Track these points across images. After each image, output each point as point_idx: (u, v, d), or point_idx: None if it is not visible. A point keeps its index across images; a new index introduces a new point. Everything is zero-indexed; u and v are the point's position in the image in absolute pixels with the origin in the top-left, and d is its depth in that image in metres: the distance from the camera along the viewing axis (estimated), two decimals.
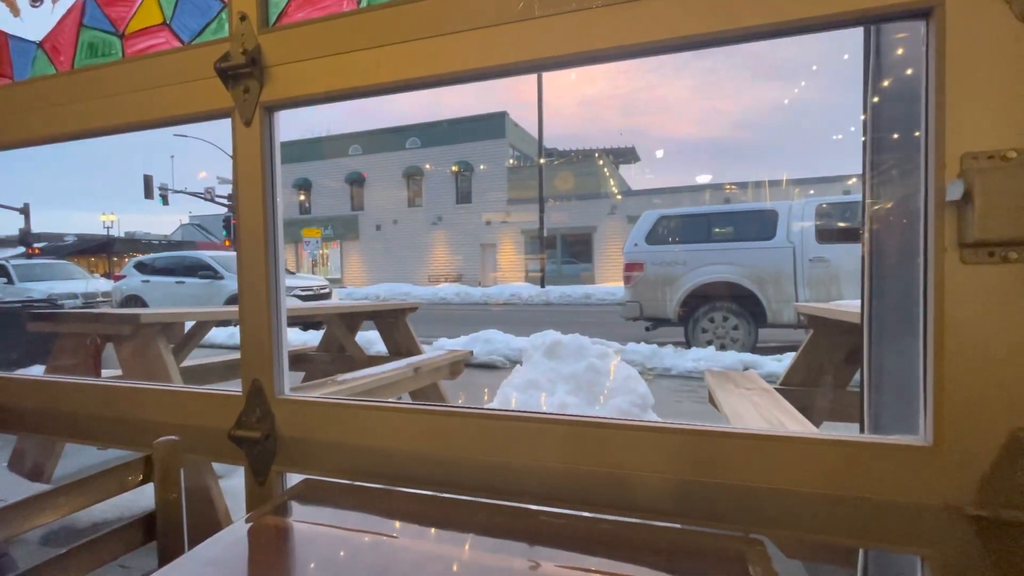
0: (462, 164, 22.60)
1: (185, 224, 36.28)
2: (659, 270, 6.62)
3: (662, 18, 0.71)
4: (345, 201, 25.18)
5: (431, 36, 0.83)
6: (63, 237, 31.18)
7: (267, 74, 0.93)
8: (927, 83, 0.65)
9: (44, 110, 1.14)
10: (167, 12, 1.03)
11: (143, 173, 21.18)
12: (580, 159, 22.60)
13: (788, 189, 18.12)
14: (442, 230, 23.19)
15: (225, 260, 10.39)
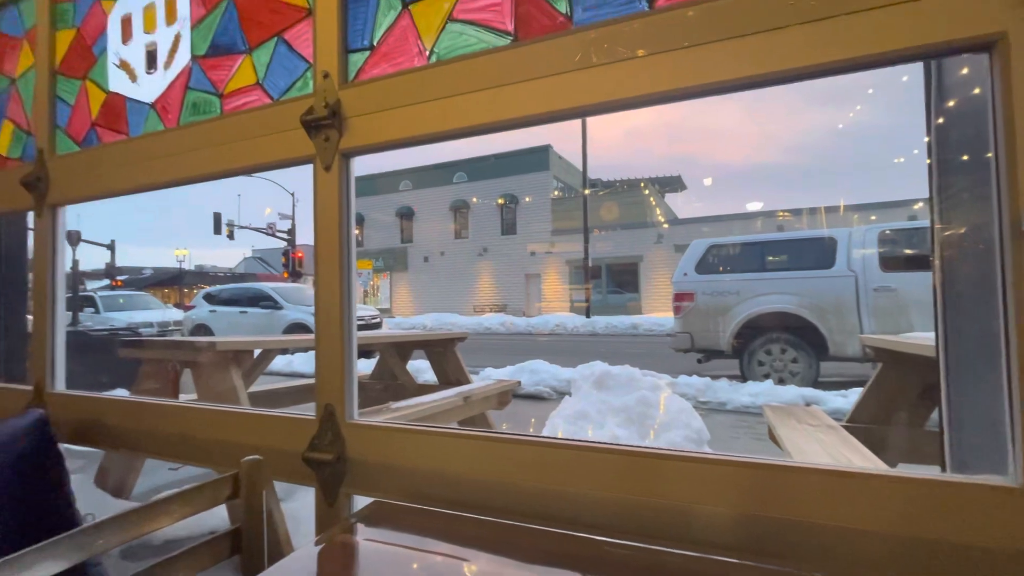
0: (507, 197, 23.08)
1: (248, 257, 38.71)
2: (710, 300, 6.44)
3: (716, 62, 0.75)
4: (395, 234, 26.17)
5: (494, 87, 0.90)
6: (142, 270, 33.98)
7: (346, 124, 1.03)
8: (994, 114, 0.64)
9: (153, 161, 1.30)
10: (260, 74, 1.17)
11: (213, 211, 22.87)
12: (625, 189, 22.58)
13: (846, 215, 17.30)
14: (487, 261, 23.58)
15: (284, 291, 10.99)
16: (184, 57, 1.29)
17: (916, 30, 0.66)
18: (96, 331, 6.58)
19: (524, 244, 22.54)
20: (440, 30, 0.96)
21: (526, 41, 0.89)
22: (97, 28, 1.46)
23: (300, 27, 1.12)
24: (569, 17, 0.86)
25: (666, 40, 0.78)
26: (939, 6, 0.65)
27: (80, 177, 1.44)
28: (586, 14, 0.85)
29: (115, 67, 1.42)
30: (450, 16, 0.96)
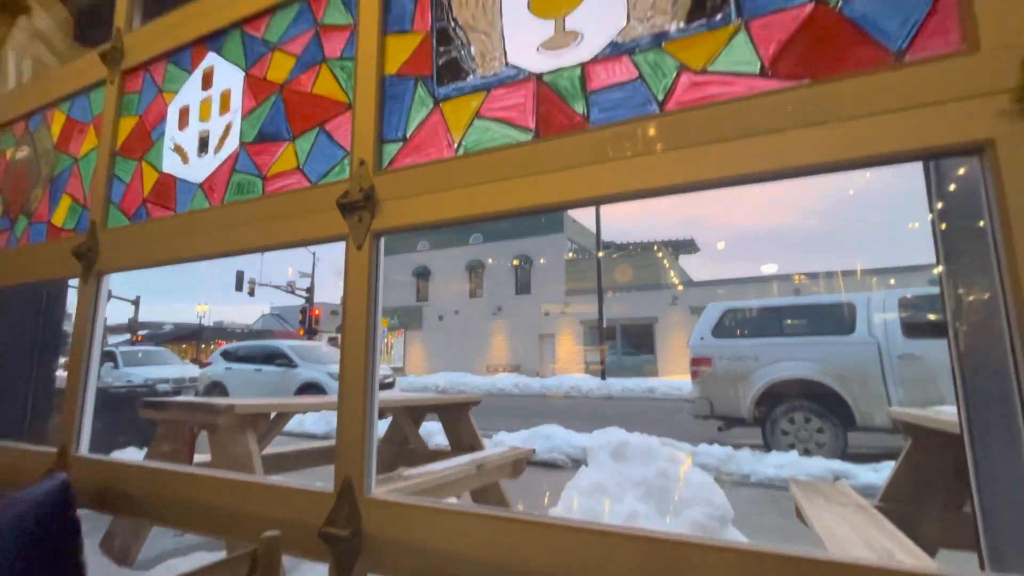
0: (522, 258, 23.49)
1: (266, 314, 39.36)
2: (729, 365, 6.32)
3: (720, 160, 0.81)
4: (411, 293, 26.55)
5: (516, 177, 0.97)
6: (162, 325, 34.67)
7: (378, 207, 1.12)
8: (989, 211, 0.68)
9: (196, 236, 1.39)
10: (301, 159, 1.28)
11: (237, 269, 23.61)
12: (639, 251, 22.85)
13: (864, 279, 17.16)
14: (501, 320, 23.62)
15: (299, 349, 11.07)
16: (233, 143, 1.42)
17: (911, 135, 0.72)
18: (115, 388, 6.65)
19: (538, 304, 22.63)
20: (468, 125, 1.06)
21: (546, 137, 0.97)
22: (157, 116, 1.62)
23: (340, 119, 1.23)
24: (586, 117, 0.95)
25: (675, 140, 0.85)
26: (932, 114, 0.71)
27: (127, 248, 1.54)
28: (601, 115, 0.93)
29: (170, 150, 1.56)
30: (478, 113, 1.06)
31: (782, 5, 0.83)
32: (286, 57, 1.36)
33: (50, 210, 1.84)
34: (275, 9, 1.41)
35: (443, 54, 1.12)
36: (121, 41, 1.72)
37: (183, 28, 1.58)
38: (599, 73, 0.95)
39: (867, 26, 0.77)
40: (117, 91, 1.71)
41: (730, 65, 0.85)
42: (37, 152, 1.97)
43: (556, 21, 1.00)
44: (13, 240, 1.94)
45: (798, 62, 0.80)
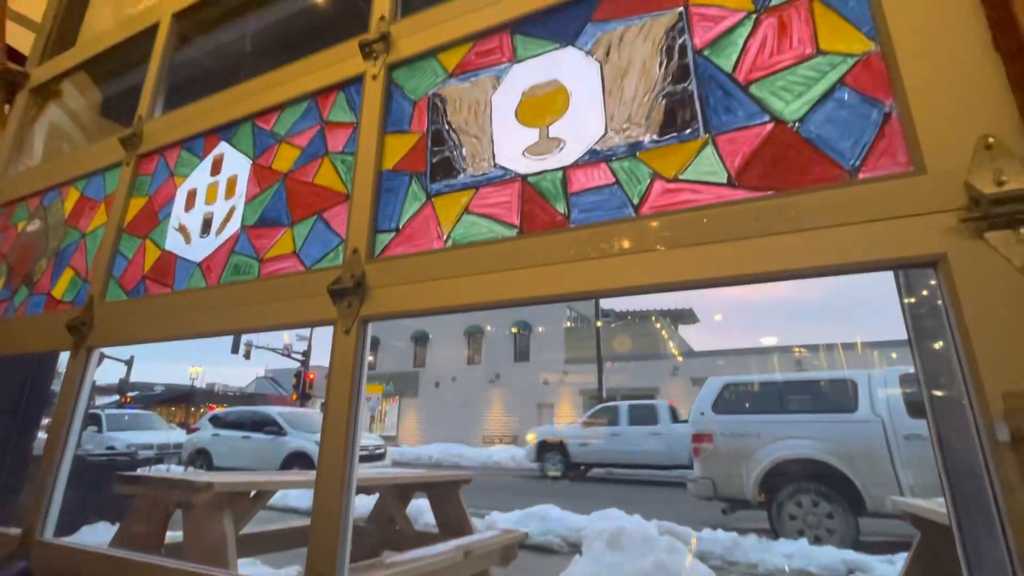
0: (521, 324, 23.48)
1: (260, 377, 38.70)
2: (731, 442, 6.13)
3: (690, 263, 0.85)
4: (408, 358, 26.25)
5: (502, 270, 1.01)
6: (153, 387, 33.97)
7: (368, 294, 1.15)
8: (949, 323, 0.71)
9: (191, 314, 1.42)
10: (298, 244, 1.33)
11: None
12: (637, 321, 22.89)
13: (865, 353, 17.05)
14: (499, 388, 23.17)
15: (290, 416, 10.79)
16: (235, 226, 1.48)
17: (869, 247, 0.76)
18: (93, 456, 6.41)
19: (537, 372, 22.31)
20: (457, 220, 1.12)
21: (530, 234, 1.02)
22: (166, 197, 1.70)
23: (338, 208, 1.30)
24: (567, 217, 1.00)
25: (649, 242, 0.89)
26: (888, 228, 0.75)
27: (122, 323, 1.56)
28: (581, 215, 0.99)
29: (174, 230, 1.62)
30: (466, 209, 1.11)
31: (745, 123, 0.91)
32: (292, 149, 1.45)
33: (52, 282, 1.88)
34: (285, 105, 1.52)
35: (437, 153, 1.20)
36: (141, 128, 1.85)
37: (199, 119, 1.70)
38: (579, 177, 1.01)
39: (822, 145, 0.84)
40: (131, 172, 1.81)
41: (699, 175, 0.91)
42: (48, 226, 2.05)
43: (541, 129, 1.08)
44: (11, 310, 1.97)
45: (762, 175, 0.86)
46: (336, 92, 1.42)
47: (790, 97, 0.88)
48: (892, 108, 0.81)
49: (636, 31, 1.06)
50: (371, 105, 1.31)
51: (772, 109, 0.89)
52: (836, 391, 6.10)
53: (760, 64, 0.92)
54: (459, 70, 1.26)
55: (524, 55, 1.18)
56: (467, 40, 1.26)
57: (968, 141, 0.73)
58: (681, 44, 1.00)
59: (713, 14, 0.99)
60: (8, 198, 2.26)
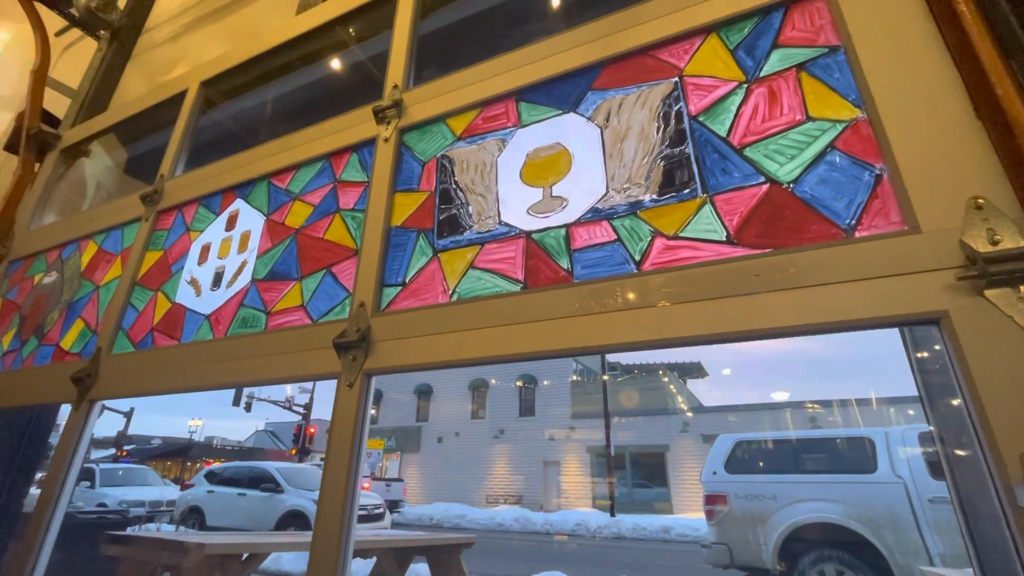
0: (526, 378, 23.12)
1: (259, 431, 37.90)
2: (746, 504, 5.85)
3: (693, 319, 0.86)
4: (411, 412, 25.72)
5: (506, 324, 1.02)
6: (150, 440, 33.28)
7: (373, 347, 1.15)
8: (959, 382, 0.70)
9: (197, 366, 1.42)
10: (306, 298, 1.35)
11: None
12: (644, 374, 22.51)
13: (880, 409, 16.55)
14: (504, 444, 22.49)
15: (288, 472, 10.46)
16: (245, 279, 1.51)
17: (869, 305, 0.76)
18: (83, 513, 6.19)
19: (542, 428, 21.72)
20: (463, 275, 1.14)
21: (534, 289, 1.04)
22: (180, 251, 1.75)
23: (346, 263, 1.33)
24: (570, 272, 1.02)
25: (649, 298, 0.90)
26: (887, 286, 0.76)
27: (127, 376, 1.57)
28: (584, 271, 1.00)
29: (186, 283, 1.65)
30: (472, 264, 1.14)
31: (741, 183, 0.94)
32: (305, 206, 1.51)
33: (61, 333, 1.91)
34: (300, 165, 1.60)
35: (444, 211, 1.25)
36: (163, 185, 1.93)
37: (218, 177, 1.78)
38: (582, 234, 1.04)
39: (817, 205, 0.86)
40: (149, 227, 1.87)
41: (699, 232, 0.93)
42: (64, 278, 2.10)
43: (544, 189, 1.12)
44: (18, 361, 1.98)
45: (760, 233, 0.89)
46: (350, 153, 1.49)
47: (783, 159, 0.92)
48: (883, 170, 0.84)
49: (634, 99, 1.12)
50: (382, 165, 1.38)
51: (767, 171, 0.93)
52: (853, 450, 5.88)
53: (753, 129, 0.97)
54: (467, 133, 1.33)
55: (529, 120, 1.25)
56: (475, 106, 1.34)
57: (958, 202, 0.75)
58: (677, 110, 1.06)
59: (706, 84, 1.05)
60: (28, 251, 2.33)
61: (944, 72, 0.85)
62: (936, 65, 0.85)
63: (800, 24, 1.02)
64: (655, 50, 1.15)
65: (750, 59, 1.04)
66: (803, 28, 1.01)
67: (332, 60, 2.18)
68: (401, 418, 25.77)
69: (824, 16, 1.00)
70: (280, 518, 9.38)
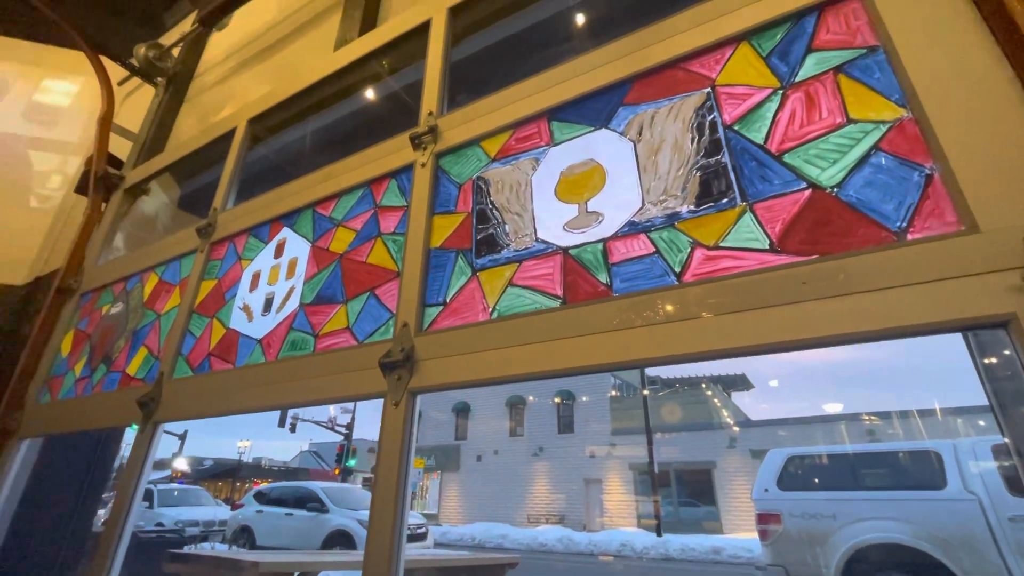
0: (564, 394, 22.86)
1: (304, 451, 38.82)
2: (802, 524, 5.55)
3: (738, 329, 0.84)
4: (450, 431, 25.80)
5: (546, 341, 1.03)
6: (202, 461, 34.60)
7: (417, 366, 1.18)
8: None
9: (251, 389, 1.49)
10: (351, 320, 1.40)
11: None
12: (686, 388, 21.88)
13: (947, 420, 15.47)
14: (543, 462, 22.20)
15: (332, 492, 10.65)
16: (294, 304, 1.58)
17: (928, 309, 0.73)
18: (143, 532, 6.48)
19: (582, 445, 21.34)
20: (502, 292, 1.16)
21: (573, 304, 1.04)
22: (233, 280, 1.84)
23: (389, 285, 1.37)
24: (609, 286, 1.02)
25: (693, 309, 0.89)
26: (947, 288, 0.73)
27: (187, 399, 1.65)
28: (623, 284, 1.00)
29: (238, 309, 1.74)
30: (511, 282, 1.16)
31: (782, 190, 0.92)
32: (347, 232, 1.57)
33: (127, 360, 2.03)
34: (342, 193, 1.67)
35: (481, 231, 1.27)
36: (216, 219, 2.05)
37: (266, 208, 1.88)
38: (619, 248, 1.04)
39: (864, 208, 0.84)
40: (204, 258, 1.99)
41: (740, 242, 0.92)
42: (128, 308, 2.24)
43: (579, 205, 1.13)
44: (89, 387, 2.12)
45: (804, 239, 0.87)
46: (389, 179, 1.55)
47: (825, 164, 0.90)
48: (934, 169, 0.81)
49: (666, 111, 1.13)
50: (420, 190, 1.42)
51: (808, 176, 0.91)
52: (919, 465, 5.51)
53: (791, 135, 0.95)
54: (500, 154, 1.36)
55: (561, 138, 1.27)
56: (507, 128, 1.37)
57: (1019, 198, 0.72)
58: (711, 121, 1.06)
59: (740, 92, 1.05)
60: (97, 284, 2.51)
61: (992, 63, 0.82)
62: (983, 56, 0.83)
63: (835, 27, 1.00)
64: (685, 62, 1.16)
65: (784, 65, 1.03)
66: (838, 31, 1.00)
67: (368, 91, 2.28)
68: (440, 437, 25.88)
69: (860, 17, 0.98)
70: (326, 537, 9.54)
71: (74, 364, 2.30)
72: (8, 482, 2.19)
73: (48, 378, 2.37)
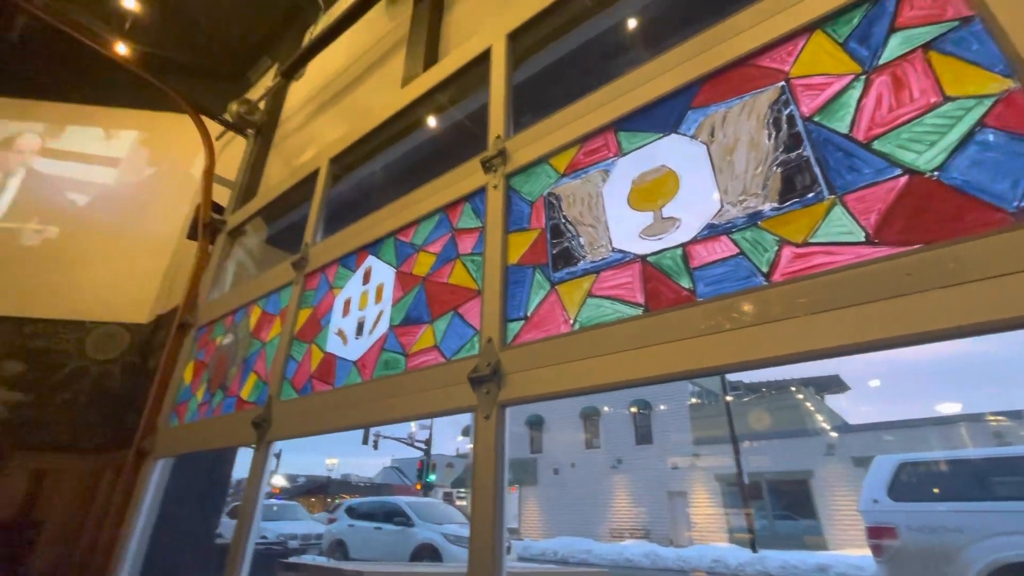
0: (640, 403, 22.18)
1: (387, 467, 40.38)
2: (922, 539, 4.99)
3: (836, 328, 0.81)
4: (525, 444, 25.80)
5: (629, 350, 1.04)
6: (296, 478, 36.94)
7: (504, 380, 1.23)
8: None
9: (350, 408, 1.61)
10: (438, 338, 1.48)
11: None
12: (773, 393, 20.48)
13: None
14: (622, 474, 21.57)
15: (417, 507, 10.98)
16: (384, 326, 1.69)
17: None
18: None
19: (663, 456, 20.52)
20: (582, 304, 1.18)
21: (655, 312, 1.04)
22: (326, 307, 2.00)
23: (471, 304, 1.44)
24: (693, 291, 1.02)
25: (785, 310, 0.87)
26: None
27: (294, 418, 1.81)
28: (708, 288, 1.00)
29: (334, 334, 1.89)
30: (590, 293, 1.18)
31: (874, 179, 0.88)
32: (428, 255, 1.67)
33: (240, 385, 2.26)
34: (421, 220, 1.77)
35: (556, 245, 1.31)
36: (308, 252, 2.24)
37: (352, 239, 2.03)
38: (700, 252, 1.04)
39: (973, 191, 0.79)
40: (300, 289, 2.18)
41: (832, 236, 0.89)
42: (237, 338, 2.50)
43: (654, 212, 1.14)
44: (210, 411, 2.37)
45: (905, 229, 0.82)
46: (463, 203, 1.63)
47: (922, 147, 0.85)
48: None
49: (739, 110, 1.11)
50: (494, 210, 1.49)
51: (903, 162, 0.86)
52: None
53: (879, 121, 0.91)
54: (569, 170, 1.39)
55: (629, 148, 1.28)
56: (574, 143, 1.41)
57: None
58: (788, 115, 1.03)
59: (817, 83, 1.02)
60: (209, 319, 2.81)
61: None
62: None
63: (920, 2, 0.95)
64: (755, 58, 1.14)
65: (864, 49, 0.98)
66: (923, 6, 0.94)
67: (436, 121, 2.41)
68: (515, 450, 25.92)
69: None
70: (413, 551, 9.83)
71: (196, 390, 2.58)
72: (148, 498, 2.48)
73: (175, 404, 2.68)
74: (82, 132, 4.64)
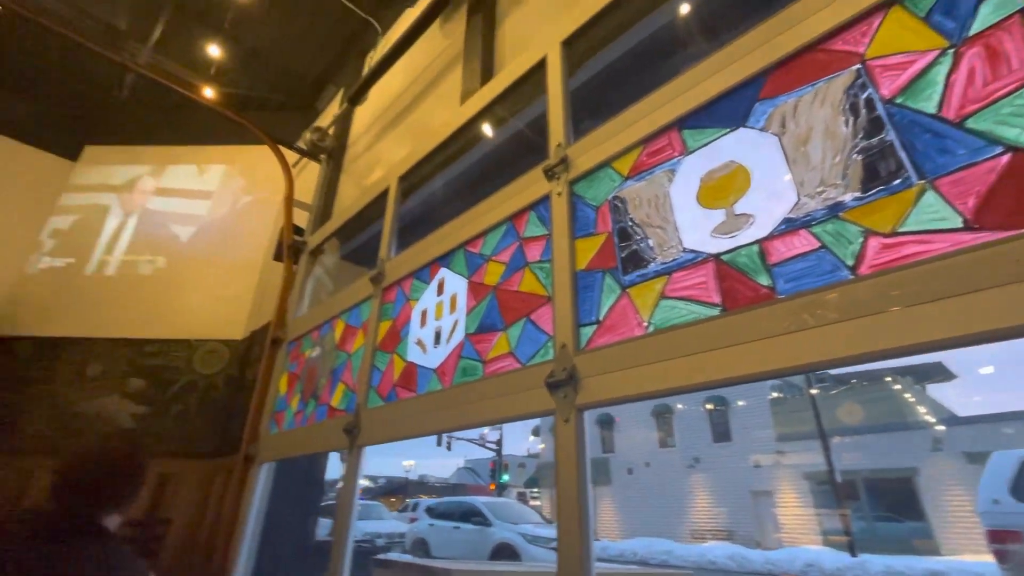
0: (715, 400, 21.24)
1: (461, 468, 41.39)
2: None
3: (931, 322, 0.77)
4: (596, 444, 25.48)
5: (706, 351, 1.03)
6: (377, 479, 38.72)
7: (580, 384, 1.26)
8: None
9: (432, 413, 1.70)
10: (513, 345, 1.53)
11: None
12: (865, 383, 18.89)
13: None
14: (700, 473, 20.75)
15: (494, 506, 11.18)
16: (459, 335, 1.77)
17: None
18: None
19: (744, 454, 19.52)
20: (655, 306, 1.19)
21: (733, 311, 1.03)
22: (405, 319, 2.12)
23: (543, 310, 1.48)
24: (772, 288, 1.00)
25: (876, 304, 0.83)
26: None
27: (382, 425, 1.94)
28: (788, 285, 0.97)
29: (413, 344, 2.00)
30: (662, 295, 1.18)
31: (970, 160, 0.83)
32: (498, 265, 1.73)
33: (330, 395, 2.44)
34: (488, 231, 1.84)
35: (624, 248, 1.32)
36: (384, 267, 2.38)
37: (424, 253, 2.14)
38: (778, 248, 1.01)
39: None
40: (379, 303, 2.32)
41: (924, 224, 0.84)
42: (325, 351, 2.69)
43: (726, 210, 1.13)
44: (304, 419, 2.58)
45: (1011, 211, 0.77)
46: (528, 212, 1.68)
47: None
48: None
49: (811, 98, 1.07)
50: (559, 217, 1.52)
51: (1005, 139, 0.80)
52: None
53: (973, 97, 0.85)
54: (633, 172, 1.40)
55: (695, 146, 1.27)
56: (636, 145, 1.41)
57: None
58: (866, 98, 0.99)
59: (897, 62, 0.96)
60: (298, 333, 3.05)
61: None
62: None
63: None
64: (824, 43, 1.09)
65: (951, 20, 0.92)
66: None
67: (497, 132, 2.49)
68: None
69: None
70: (492, 550, 10.03)
71: (291, 400, 2.81)
72: (256, 499, 2.73)
73: (273, 413, 2.93)
74: (180, 170, 5.18)
